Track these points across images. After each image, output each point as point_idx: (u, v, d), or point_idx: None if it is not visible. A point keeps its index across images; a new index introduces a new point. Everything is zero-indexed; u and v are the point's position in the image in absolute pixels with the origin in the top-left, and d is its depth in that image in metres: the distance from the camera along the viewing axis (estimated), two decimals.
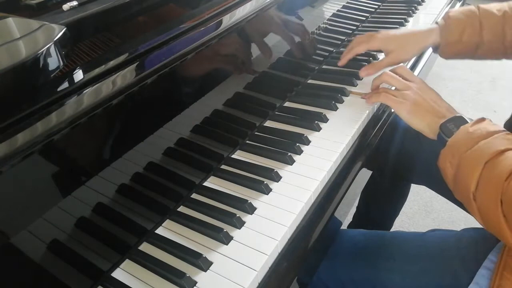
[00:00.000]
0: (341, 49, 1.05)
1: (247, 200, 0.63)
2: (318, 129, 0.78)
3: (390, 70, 0.78)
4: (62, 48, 0.48)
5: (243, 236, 0.59)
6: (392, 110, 0.84)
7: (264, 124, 0.81)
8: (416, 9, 1.23)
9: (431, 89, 0.73)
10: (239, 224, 0.60)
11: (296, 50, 0.89)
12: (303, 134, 0.75)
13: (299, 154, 0.72)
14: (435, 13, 1.21)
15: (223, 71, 0.72)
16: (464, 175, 0.58)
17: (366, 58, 0.97)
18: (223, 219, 0.61)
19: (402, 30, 0.89)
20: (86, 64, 0.53)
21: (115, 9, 0.61)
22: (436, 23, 0.85)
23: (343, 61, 0.90)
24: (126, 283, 0.54)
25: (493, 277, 0.60)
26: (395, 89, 0.75)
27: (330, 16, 1.01)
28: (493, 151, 0.56)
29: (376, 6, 1.24)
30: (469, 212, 0.61)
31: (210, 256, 0.56)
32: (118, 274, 0.56)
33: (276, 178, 0.68)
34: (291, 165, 0.70)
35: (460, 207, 0.92)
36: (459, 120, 0.65)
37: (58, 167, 0.49)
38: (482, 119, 0.63)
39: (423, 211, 1.57)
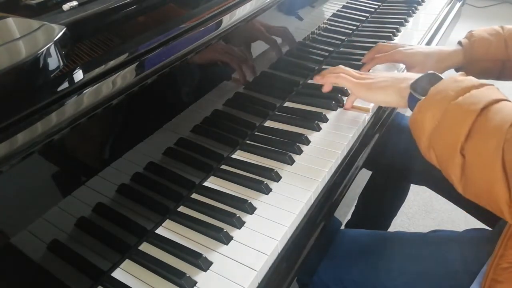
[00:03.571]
0: (341, 49, 1.05)
1: (247, 200, 0.63)
2: (318, 129, 0.78)
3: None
4: (62, 48, 0.48)
5: (243, 236, 0.59)
6: (398, 110, 0.83)
7: (264, 124, 0.81)
8: (416, 9, 1.23)
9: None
10: (239, 224, 0.60)
11: (295, 51, 0.89)
12: (303, 134, 0.75)
13: (299, 154, 0.72)
14: (435, 13, 1.21)
15: (224, 71, 0.72)
16: (450, 124, 0.52)
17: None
18: (223, 219, 0.61)
19: (426, 47, 0.87)
20: (86, 64, 0.53)
21: (115, 9, 0.61)
22: (459, 42, 0.84)
23: (365, 70, 0.91)
24: (126, 283, 0.54)
25: (487, 270, 0.59)
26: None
27: (330, 16, 1.01)
28: (491, 98, 0.51)
29: (376, 6, 1.24)
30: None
31: (210, 256, 0.56)
32: (118, 274, 0.56)
33: (276, 178, 0.68)
34: (291, 165, 0.70)
35: (460, 207, 0.92)
36: (433, 76, 0.59)
37: (58, 167, 0.49)
38: (464, 73, 0.59)
39: (423, 211, 1.57)
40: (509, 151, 0.46)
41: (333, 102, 0.83)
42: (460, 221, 1.49)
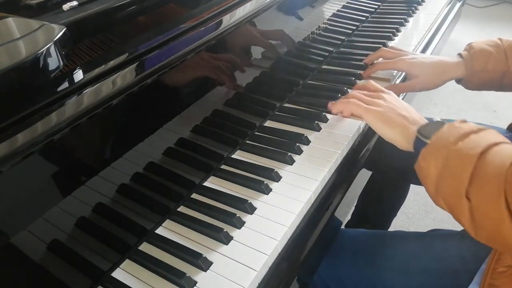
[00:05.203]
0: (341, 49, 1.05)
1: (247, 200, 0.63)
2: (318, 129, 0.78)
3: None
4: (62, 48, 0.48)
5: (243, 236, 0.59)
6: None
7: (264, 124, 0.81)
8: (416, 9, 1.23)
9: (402, 100, 0.71)
10: (239, 224, 0.60)
11: (295, 51, 0.90)
12: (303, 134, 0.75)
13: (299, 154, 0.72)
14: (435, 13, 1.21)
15: (224, 71, 0.72)
16: (453, 170, 0.53)
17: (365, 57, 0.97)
18: (223, 219, 0.61)
19: (429, 57, 0.87)
20: (86, 64, 0.53)
21: (115, 9, 0.61)
22: (459, 54, 0.84)
23: (365, 74, 0.92)
24: (126, 283, 0.54)
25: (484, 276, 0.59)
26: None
27: (330, 16, 1.01)
28: (488, 142, 0.52)
29: (376, 6, 1.24)
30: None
31: (210, 256, 0.56)
32: (118, 274, 0.56)
33: (276, 178, 0.68)
34: (291, 165, 0.70)
35: None
36: (439, 123, 0.60)
37: (58, 167, 0.49)
38: (465, 120, 0.59)
39: (423, 211, 1.57)
40: (510, 190, 0.47)
41: (333, 102, 0.83)
42: None
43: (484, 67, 0.81)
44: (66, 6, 0.58)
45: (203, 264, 0.55)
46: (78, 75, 0.51)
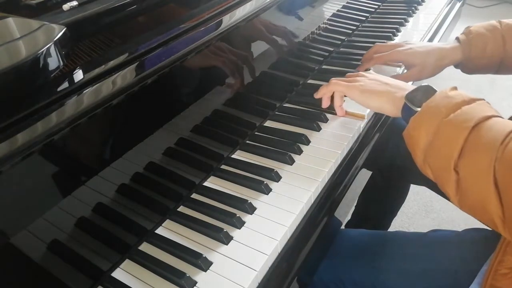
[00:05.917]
0: (341, 49, 1.05)
1: (247, 200, 0.63)
2: (318, 129, 0.78)
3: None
4: (62, 48, 0.48)
5: (243, 236, 0.59)
6: None
7: (264, 124, 0.81)
8: (416, 9, 1.23)
9: (383, 76, 0.73)
10: (239, 224, 0.60)
11: (295, 51, 0.89)
12: (303, 134, 0.75)
13: (299, 154, 0.72)
14: (435, 13, 1.21)
15: (224, 71, 0.72)
16: (443, 142, 0.52)
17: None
18: (223, 219, 0.61)
19: (425, 45, 0.86)
20: (86, 64, 0.53)
21: (115, 9, 0.61)
22: (457, 38, 0.84)
23: (362, 70, 0.91)
24: (126, 283, 0.54)
25: (486, 273, 0.59)
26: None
27: (330, 16, 1.01)
28: (482, 115, 0.51)
29: (376, 6, 1.24)
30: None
31: (210, 256, 0.56)
32: (118, 274, 0.56)
33: (276, 178, 0.67)
34: (291, 165, 0.70)
35: None
36: (428, 89, 0.60)
37: (58, 167, 0.49)
38: (456, 87, 0.59)
39: (423, 211, 1.57)
40: (500, 168, 0.46)
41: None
42: (460, 221, 1.50)
43: (481, 54, 0.80)
44: (66, 6, 0.58)
45: (203, 264, 0.55)
46: (78, 75, 0.51)
